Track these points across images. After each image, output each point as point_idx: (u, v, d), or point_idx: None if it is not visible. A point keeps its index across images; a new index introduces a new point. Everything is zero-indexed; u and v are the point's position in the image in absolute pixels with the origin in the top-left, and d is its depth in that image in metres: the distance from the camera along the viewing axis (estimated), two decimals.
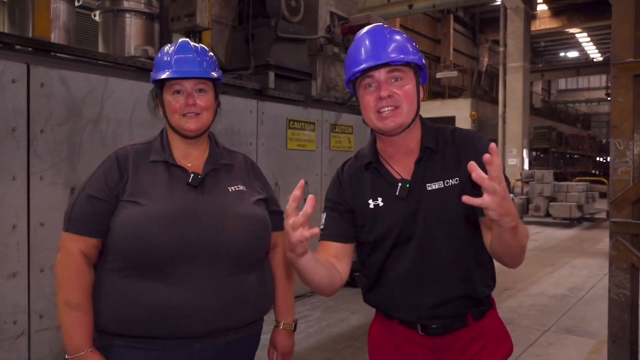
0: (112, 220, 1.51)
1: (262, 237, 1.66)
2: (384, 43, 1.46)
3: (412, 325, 1.57)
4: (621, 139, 2.58)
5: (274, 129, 5.50)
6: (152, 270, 1.47)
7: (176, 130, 1.61)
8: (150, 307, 1.45)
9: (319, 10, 6.35)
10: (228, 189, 1.63)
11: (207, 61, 1.64)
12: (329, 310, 5.40)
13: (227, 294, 1.52)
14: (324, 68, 6.50)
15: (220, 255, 1.51)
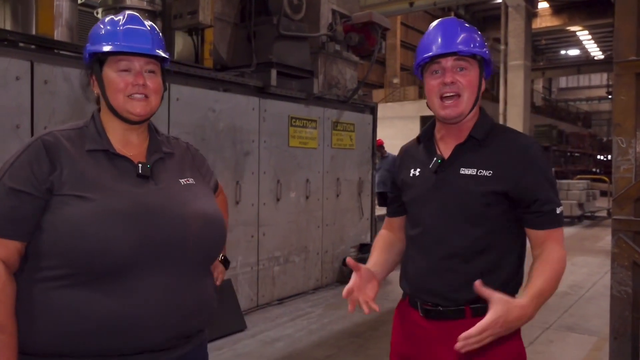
0: (47, 219, 1.26)
1: (223, 236, 1.51)
2: (454, 34, 1.56)
3: (414, 304, 1.69)
4: (623, 136, 2.59)
5: (276, 127, 5.51)
6: (106, 275, 1.25)
7: (118, 113, 1.39)
8: (106, 319, 1.24)
9: (320, 8, 6.36)
10: (179, 181, 1.45)
11: (159, 40, 1.45)
12: (330, 307, 5.42)
13: (190, 299, 1.36)
14: (326, 66, 6.50)
15: (184, 257, 1.34)
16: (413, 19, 23.75)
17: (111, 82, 1.37)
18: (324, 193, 6.15)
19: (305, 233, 5.87)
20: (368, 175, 6.93)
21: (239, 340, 4.38)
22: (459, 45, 1.54)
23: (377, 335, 4.59)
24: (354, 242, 6.65)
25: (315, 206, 6.02)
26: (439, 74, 1.56)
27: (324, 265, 6.19)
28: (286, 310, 5.28)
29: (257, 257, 5.23)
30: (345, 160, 6.49)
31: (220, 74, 5.09)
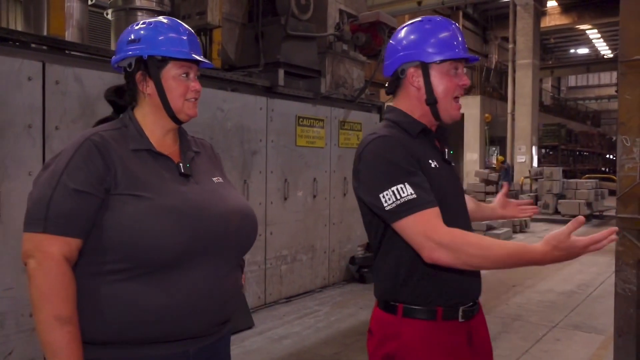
0: (107, 217, 1.33)
1: (257, 230, 1.60)
2: (464, 40, 1.62)
3: (454, 312, 1.54)
4: (628, 135, 2.61)
5: (284, 126, 5.55)
6: (161, 268, 1.34)
7: (175, 114, 1.49)
8: (162, 309, 1.33)
9: (328, 8, 6.39)
10: (212, 179, 1.55)
11: (201, 48, 1.59)
12: (337, 305, 5.45)
13: (228, 288, 1.46)
14: (333, 65, 6.53)
15: (225, 250, 1.45)
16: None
17: (172, 87, 1.47)
18: (331, 192, 6.18)
19: (312, 232, 5.91)
20: None
21: (247, 337, 4.43)
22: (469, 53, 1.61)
23: None
24: (360, 240, 6.68)
25: (323, 205, 6.06)
26: (453, 75, 1.57)
27: (331, 264, 6.23)
28: (293, 308, 5.32)
29: (265, 256, 5.28)
30: (352, 160, 6.50)
31: (229, 73, 5.14)
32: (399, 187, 1.41)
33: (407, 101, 1.62)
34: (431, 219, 1.39)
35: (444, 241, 1.35)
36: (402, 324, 1.52)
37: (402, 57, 1.59)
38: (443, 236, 1.36)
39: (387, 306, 1.56)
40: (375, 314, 1.62)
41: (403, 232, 1.42)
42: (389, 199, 1.41)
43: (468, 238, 1.36)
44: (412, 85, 1.59)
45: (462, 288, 1.56)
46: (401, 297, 1.53)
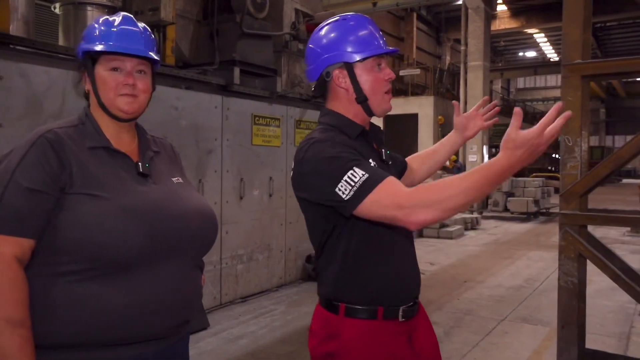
0: (62, 217, 1.30)
1: (217, 231, 1.58)
2: (380, 33, 1.62)
3: (394, 312, 1.55)
4: (570, 135, 2.73)
5: (239, 125, 5.52)
6: (120, 269, 1.31)
7: (108, 110, 1.44)
8: (120, 310, 1.31)
9: (284, 7, 6.39)
10: (172, 179, 1.53)
11: (151, 41, 1.51)
12: (294, 304, 5.46)
13: (188, 289, 1.45)
14: (289, 64, 6.54)
15: (185, 250, 1.43)
16: (376, 18, 23.97)
17: (103, 80, 1.43)
18: (287, 191, 6.19)
19: (268, 231, 5.90)
20: None
21: (202, 338, 4.38)
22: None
23: None
24: None
25: (279, 204, 6.06)
26: (378, 70, 1.58)
27: (288, 263, 6.24)
28: (249, 308, 5.29)
29: (220, 256, 5.23)
30: None
31: (183, 71, 5.06)
32: (349, 174, 1.38)
33: (338, 102, 1.61)
34: (392, 188, 1.36)
35: (415, 201, 1.32)
36: (344, 323, 1.53)
37: (325, 60, 1.57)
38: (411, 197, 1.33)
39: (329, 305, 1.56)
40: (316, 313, 1.62)
41: (371, 213, 1.37)
42: (345, 190, 1.38)
43: (434, 186, 1.33)
44: (340, 87, 1.58)
45: (402, 287, 1.58)
46: (343, 296, 1.54)
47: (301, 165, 1.50)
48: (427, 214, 1.31)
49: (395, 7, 19.52)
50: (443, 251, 8.95)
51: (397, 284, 1.57)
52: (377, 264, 1.54)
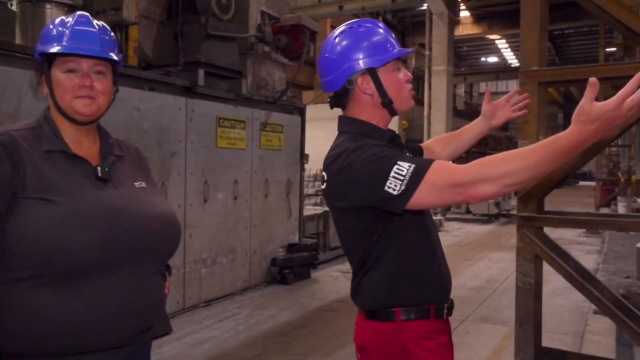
0: (13, 222, 1.26)
1: (180, 237, 1.55)
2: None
3: (442, 311, 1.56)
4: (527, 140, 2.81)
5: (204, 127, 5.47)
6: (72, 277, 1.27)
7: (66, 113, 1.40)
8: (71, 319, 1.27)
9: (249, 9, 6.37)
10: (134, 184, 1.49)
11: (109, 41, 1.46)
12: (258, 307, 5.44)
13: (148, 297, 1.42)
14: (255, 67, 6.52)
15: (145, 257, 1.40)
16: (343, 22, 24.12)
17: (59, 83, 1.39)
18: (253, 194, 6.16)
19: (233, 234, 5.86)
20: (296, 176, 7.01)
21: (165, 343, 4.32)
22: None
23: (303, 334, 4.67)
24: (282, 242, 6.71)
25: (244, 207, 6.02)
26: (398, 72, 1.59)
27: (252, 266, 6.21)
28: (213, 312, 5.24)
29: (184, 259, 5.17)
30: (274, 161, 6.54)
31: (145, 72, 4.99)
32: (395, 169, 1.34)
33: (363, 109, 1.58)
34: (444, 168, 1.33)
35: (474, 176, 1.28)
36: (402, 327, 1.51)
37: (349, 68, 1.55)
38: (468, 173, 1.29)
39: (381, 314, 1.52)
40: (362, 329, 1.57)
41: (427, 200, 1.34)
42: (395, 185, 1.33)
43: (495, 160, 1.29)
44: (365, 94, 1.56)
45: (445, 284, 1.60)
46: (399, 300, 1.51)
47: (340, 174, 1.45)
48: (488, 188, 1.27)
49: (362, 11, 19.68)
50: None
51: (442, 281, 1.59)
52: (427, 263, 1.56)
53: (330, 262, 7.85)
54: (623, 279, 5.97)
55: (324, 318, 5.14)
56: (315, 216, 8.12)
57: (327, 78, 1.60)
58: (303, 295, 5.99)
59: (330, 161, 1.50)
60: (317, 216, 8.19)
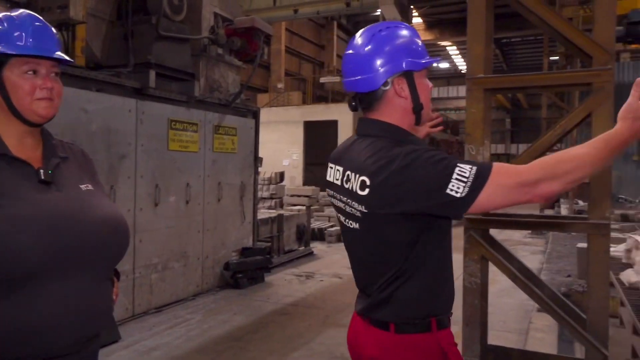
0: None
1: (128, 241, 1.51)
2: None
3: (449, 319, 1.58)
4: (473, 145, 2.90)
5: (155, 130, 5.37)
6: (15, 283, 1.23)
7: (22, 115, 1.37)
8: (15, 326, 1.24)
9: (202, 11, 6.30)
10: (80, 187, 1.45)
11: (59, 40, 1.44)
12: (211, 312, 5.37)
13: (95, 304, 1.38)
14: (208, 69, 6.45)
15: (91, 262, 1.36)
16: (297, 25, 24.18)
17: (16, 85, 1.35)
18: (205, 197, 6.09)
19: (185, 238, 5.77)
20: (250, 179, 6.97)
21: (113, 351, 4.20)
22: None
23: (257, 338, 4.64)
24: (235, 246, 6.66)
25: (196, 211, 5.94)
26: (426, 78, 1.57)
27: (205, 271, 6.12)
28: (164, 318, 5.14)
29: (133, 265, 5.04)
30: (227, 164, 6.48)
31: (94, 73, 4.85)
32: (457, 172, 1.30)
33: (394, 113, 1.52)
34: (507, 169, 1.32)
35: (539, 175, 1.29)
36: (438, 337, 1.49)
37: (393, 68, 1.48)
38: (533, 172, 1.30)
39: (414, 325, 1.48)
40: (392, 341, 1.49)
41: (491, 201, 1.32)
42: (458, 188, 1.30)
43: (559, 158, 1.30)
44: (400, 96, 1.50)
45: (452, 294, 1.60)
46: (435, 310, 1.50)
47: (394, 178, 1.36)
48: (553, 186, 1.29)
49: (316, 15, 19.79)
50: None
51: (454, 289, 1.60)
52: (450, 271, 1.57)
53: (285, 266, 7.84)
54: (565, 278, 6.23)
55: (278, 322, 5.13)
56: (269, 219, 8.10)
57: (364, 75, 1.50)
58: (257, 299, 5.95)
59: (379, 166, 1.39)
60: (272, 219, 8.17)
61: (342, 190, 1.55)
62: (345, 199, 1.52)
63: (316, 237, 10.42)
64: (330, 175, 1.64)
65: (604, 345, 2.44)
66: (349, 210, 1.52)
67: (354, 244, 1.58)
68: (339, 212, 1.62)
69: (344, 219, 1.58)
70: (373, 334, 1.52)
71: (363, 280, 1.59)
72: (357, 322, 1.61)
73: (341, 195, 1.55)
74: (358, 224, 1.50)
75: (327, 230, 10.56)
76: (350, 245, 1.62)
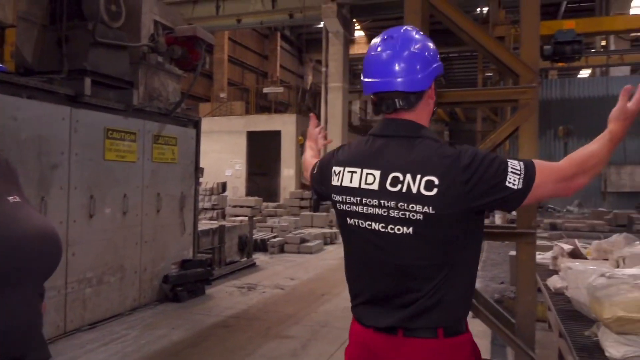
0: None
1: (60, 255, 1.46)
2: None
3: None
4: None
5: (90, 139, 5.19)
6: None
7: None
8: None
9: (142, 18, 6.17)
10: (7, 199, 1.39)
11: None
12: (148, 327, 5.22)
13: (22, 322, 1.33)
14: (147, 77, 6.31)
15: (22, 279, 1.31)
16: (241, 35, 24.09)
17: None
18: (144, 208, 5.93)
19: (121, 251, 5.58)
20: (191, 190, 6.85)
21: None
22: None
23: (196, 352, 4.55)
24: (175, 258, 6.51)
25: (134, 222, 5.77)
26: None
27: (143, 284, 5.94)
28: (98, 334, 4.94)
29: (66, 280, 4.83)
30: (166, 175, 6.34)
31: (24, 79, 4.64)
32: (510, 166, 1.42)
33: (426, 114, 1.57)
34: (547, 165, 1.46)
35: (575, 170, 1.44)
36: (470, 336, 1.56)
37: (438, 68, 1.56)
38: (571, 167, 1.45)
39: (461, 327, 1.51)
40: (441, 347, 1.48)
41: (541, 193, 1.44)
42: (514, 180, 1.41)
43: (585, 155, 1.46)
44: (431, 98, 1.58)
45: None
46: (466, 310, 1.54)
47: (460, 176, 1.41)
48: (584, 179, 1.46)
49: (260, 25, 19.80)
50: (302, 266, 9.17)
51: None
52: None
53: (226, 278, 7.73)
54: (498, 285, 6.49)
55: (218, 335, 5.05)
56: (210, 231, 7.98)
57: (414, 75, 1.50)
58: (196, 312, 5.84)
59: (447, 166, 1.42)
60: (213, 231, 8.05)
61: (383, 194, 1.47)
62: (392, 202, 1.45)
63: (259, 248, 10.35)
64: (353, 180, 1.53)
65: (531, 348, 2.56)
66: (395, 214, 1.45)
67: (394, 252, 1.49)
68: (368, 220, 1.50)
69: (381, 226, 1.48)
70: (417, 345, 1.47)
71: (391, 290, 1.51)
72: (379, 339, 1.52)
73: (381, 200, 1.47)
74: (412, 228, 1.44)
75: (269, 241, 10.52)
76: (383, 254, 1.50)
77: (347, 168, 1.55)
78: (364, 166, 1.52)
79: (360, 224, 1.52)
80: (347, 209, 1.54)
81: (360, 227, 1.52)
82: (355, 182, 1.52)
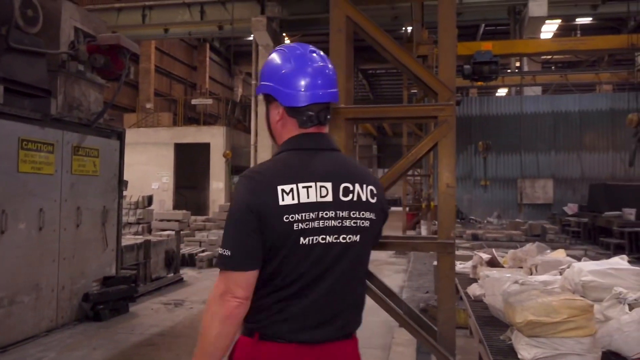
0: None
1: None
2: None
3: None
4: None
5: (2, 149, 4.88)
6: None
7: None
8: None
9: (61, 24, 5.91)
10: None
11: None
12: (67, 349, 4.94)
13: None
14: (67, 86, 6.04)
15: None
16: (168, 45, 23.58)
17: None
18: (62, 223, 5.63)
19: (37, 269, 5.27)
20: (114, 203, 6.59)
21: None
22: None
23: None
24: (96, 275, 6.22)
25: (51, 238, 5.47)
26: None
27: (61, 304, 5.63)
28: (10, 359, 4.62)
29: None
30: (87, 188, 6.07)
31: None
32: None
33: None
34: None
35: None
36: None
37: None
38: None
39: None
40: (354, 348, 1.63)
41: None
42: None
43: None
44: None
45: None
46: None
47: (381, 186, 1.63)
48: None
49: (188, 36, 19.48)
50: None
51: None
52: None
53: (152, 294, 7.47)
54: (423, 294, 6.71)
55: (143, 354, 4.87)
56: (135, 246, 7.69)
57: (336, 89, 1.61)
58: (120, 331, 5.59)
59: (373, 176, 1.63)
60: (138, 246, 7.76)
61: (339, 204, 1.48)
62: (345, 212, 1.48)
63: (187, 263, 10.09)
64: (310, 195, 1.46)
65: (451, 354, 2.67)
66: (348, 223, 1.48)
67: (345, 261, 1.49)
68: (322, 234, 1.46)
69: (334, 238, 1.47)
70: (353, 345, 1.63)
71: (340, 301, 1.52)
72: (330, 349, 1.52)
73: (337, 211, 1.47)
74: (359, 236, 1.51)
75: (198, 256, 10.29)
76: (338, 263, 1.49)
77: (300, 184, 1.46)
78: (316, 179, 1.48)
79: (313, 240, 1.45)
80: (305, 226, 1.44)
81: (313, 244, 1.45)
82: (313, 197, 1.46)
